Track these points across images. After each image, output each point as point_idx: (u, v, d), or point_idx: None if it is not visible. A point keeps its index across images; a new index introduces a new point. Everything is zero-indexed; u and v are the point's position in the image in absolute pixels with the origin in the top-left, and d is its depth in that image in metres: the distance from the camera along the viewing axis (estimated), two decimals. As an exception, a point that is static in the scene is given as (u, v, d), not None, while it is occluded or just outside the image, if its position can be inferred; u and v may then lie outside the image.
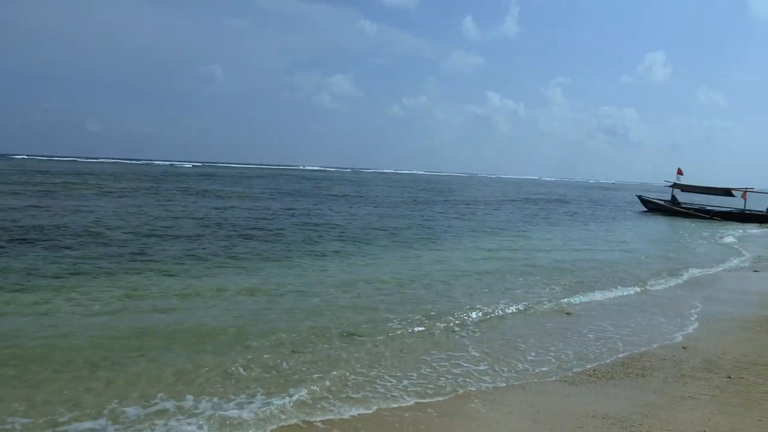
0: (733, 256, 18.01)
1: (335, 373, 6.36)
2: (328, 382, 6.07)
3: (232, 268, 11.98)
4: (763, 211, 35.56)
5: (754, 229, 29.61)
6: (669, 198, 40.07)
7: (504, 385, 6.30)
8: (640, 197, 44.11)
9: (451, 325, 8.49)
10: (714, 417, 5.29)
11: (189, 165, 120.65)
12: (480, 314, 9.12)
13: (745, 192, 36.65)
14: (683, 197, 39.79)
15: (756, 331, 8.56)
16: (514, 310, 9.52)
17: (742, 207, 36.57)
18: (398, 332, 7.96)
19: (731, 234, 25.69)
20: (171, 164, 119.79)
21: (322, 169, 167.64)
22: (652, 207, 41.24)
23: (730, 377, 6.42)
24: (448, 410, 5.57)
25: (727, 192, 37.80)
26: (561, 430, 5.10)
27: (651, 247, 19.95)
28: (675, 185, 39.12)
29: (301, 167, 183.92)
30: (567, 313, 9.55)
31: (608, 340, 8.09)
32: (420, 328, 8.20)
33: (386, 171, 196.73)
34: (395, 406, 5.62)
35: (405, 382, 6.23)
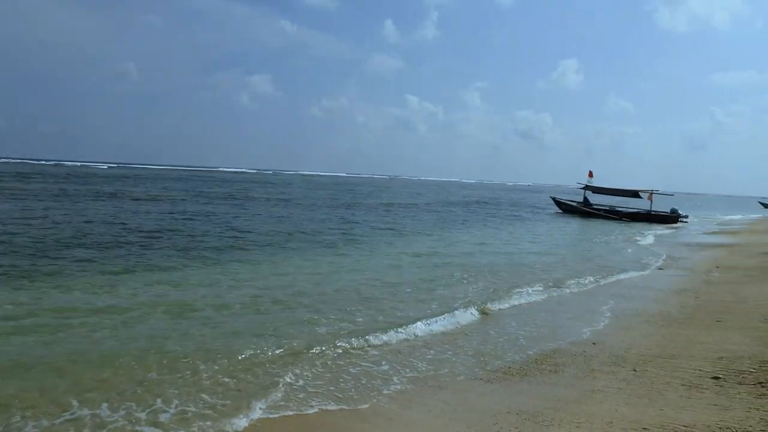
0: (643, 256, 18.91)
1: (250, 378, 6.23)
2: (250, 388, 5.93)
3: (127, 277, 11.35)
4: (667, 212, 37.60)
5: (663, 230, 31.22)
6: (581, 200, 41.76)
7: (421, 385, 6.35)
8: (554, 199, 45.72)
9: (370, 327, 8.48)
10: (620, 408, 5.50)
11: (104, 166, 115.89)
12: (397, 317, 9.17)
13: (651, 194, 38.68)
14: (594, 198, 41.58)
15: (659, 326, 9.00)
16: (432, 311, 9.61)
17: (648, 208, 38.53)
18: (310, 339, 7.88)
19: (642, 234, 26.98)
20: (83, 165, 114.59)
21: (243, 171, 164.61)
22: (565, 208, 42.86)
23: (635, 370, 6.71)
24: (367, 412, 5.57)
25: (634, 194, 39.78)
26: (477, 426, 5.18)
27: (565, 248, 20.67)
28: (586, 187, 40.90)
29: (220, 169, 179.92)
30: (484, 313, 9.74)
31: (523, 339, 8.31)
32: (335, 337, 8.13)
33: (308, 173, 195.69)
34: (312, 411, 5.57)
35: (322, 388, 6.19)
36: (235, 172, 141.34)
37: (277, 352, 7.11)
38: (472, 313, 9.62)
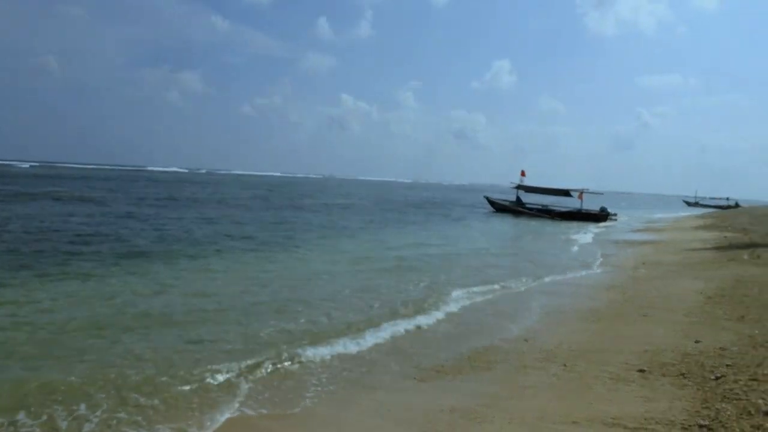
0: (576, 254, 19.44)
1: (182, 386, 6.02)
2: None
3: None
4: (597, 211, 38.83)
5: (594, 228, 32.15)
6: (514, 199, 42.64)
7: (355, 386, 6.29)
8: (487, 198, 46.51)
9: (306, 330, 8.38)
10: (551, 403, 5.58)
11: (26, 165, 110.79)
12: (331, 318, 9.11)
13: (581, 193, 39.90)
14: (527, 198, 42.53)
15: (589, 322, 9.22)
16: (366, 311, 9.57)
17: (579, 206, 39.68)
18: (241, 346, 7.70)
19: (573, 232, 27.74)
20: (1, 163, 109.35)
21: (175, 170, 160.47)
22: (498, 208, 43.66)
23: (565, 365, 6.83)
24: (301, 415, 5.49)
25: (565, 193, 40.96)
26: (410, 426, 5.15)
27: (499, 247, 21.02)
28: (519, 186, 41.84)
29: (150, 168, 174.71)
30: (420, 314, 9.74)
31: (457, 338, 8.37)
32: (268, 344, 7.97)
33: (242, 173, 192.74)
34: (246, 416, 5.43)
35: (256, 394, 6.07)
36: (166, 172, 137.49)
37: (203, 360, 6.91)
38: (407, 314, 9.61)
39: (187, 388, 5.96)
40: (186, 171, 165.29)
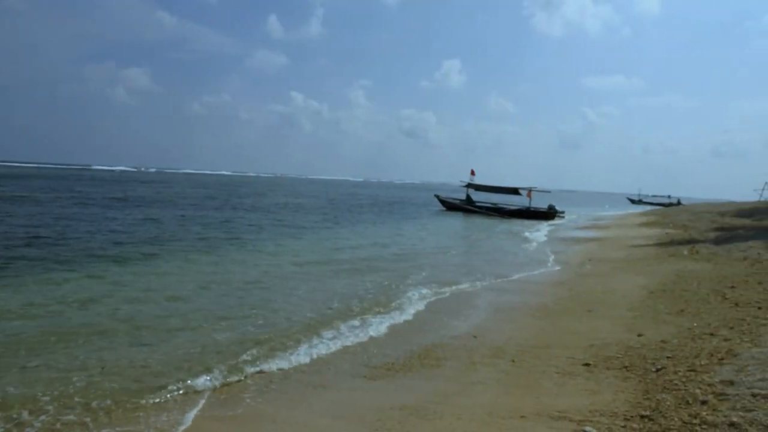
0: (528, 252, 19.76)
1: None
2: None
3: None
4: (545, 209, 39.56)
5: (544, 226, 32.72)
6: (465, 197, 43.11)
7: (305, 386, 6.26)
8: (438, 197, 46.88)
9: (254, 331, 8.30)
10: (500, 398, 5.66)
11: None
12: (281, 319, 9.06)
13: (530, 191, 40.64)
14: (477, 196, 43.06)
15: (536, 317, 9.40)
16: (316, 311, 9.54)
17: (527, 205, 40.36)
18: (181, 339, 7.58)
19: (527, 230, 28.18)
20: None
21: (123, 169, 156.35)
22: (449, 206, 44.06)
23: (514, 361, 6.95)
24: (250, 415, 5.42)
25: (514, 191, 41.65)
26: (361, 424, 5.15)
27: (450, 246, 21.20)
28: (469, 185, 42.34)
29: (96, 167, 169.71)
30: (372, 314, 9.76)
31: (408, 336, 8.42)
32: (214, 349, 7.85)
33: (192, 171, 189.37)
34: (191, 417, 5.34)
35: (202, 395, 5.96)
36: (113, 171, 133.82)
37: (150, 366, 6.77)
38: (358, 314, 9.62)
39: (135, 393, 5.84)
40: (134, 170, 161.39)
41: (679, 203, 68.93)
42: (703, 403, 4.66)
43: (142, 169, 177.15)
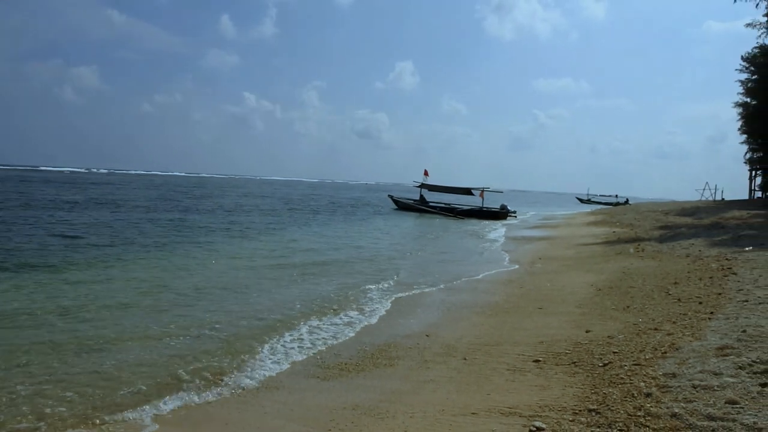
0: (480, 251, 19.99)
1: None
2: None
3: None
4: (498, 209, 40.11)
5: (496, 225, 33.16)
6: (418, 197, 43.41)
7: (257, 387, 6.20)
8: (391, 197, 47.09)
9: (206, 333, 8.18)
10: (452, 396, 5.71)
11: None
12: (233, 319, 8.94)
13: (482, 191, 41.17)
14: (430, 196, 43.41)
15: (487, 316, 9.52)
16: (269, 313, 9.46)
17: (480, 205, 40.86)
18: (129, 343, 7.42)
19: (480, 230, 28.50)
20: None
21: (73, 170, 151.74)
22: (402, 206, 44.31)
23: (465, 359, 7.02)
24: (202, 417, 5.34)
25: (467, 191, 42.13)
26: (313, 424, 5.12)
27: (403, 246, 21.30)
28: (422, 185, 42.67)
29: (43, 168, 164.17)
30: (323, 315, 9.73)
31: (360, 336, 8.43)
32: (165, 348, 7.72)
33: (144, 172, 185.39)
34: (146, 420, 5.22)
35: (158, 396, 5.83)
36: (62, 172, 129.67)
37: (102, 378, 6.61)
38: (311, 315, 9.58)
39: (85, 403, 5.68)
40: (84, 170, 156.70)
41: (627, 203, 70.72)
42: (648, 395, 4.79)
43: (93, 170, 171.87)
